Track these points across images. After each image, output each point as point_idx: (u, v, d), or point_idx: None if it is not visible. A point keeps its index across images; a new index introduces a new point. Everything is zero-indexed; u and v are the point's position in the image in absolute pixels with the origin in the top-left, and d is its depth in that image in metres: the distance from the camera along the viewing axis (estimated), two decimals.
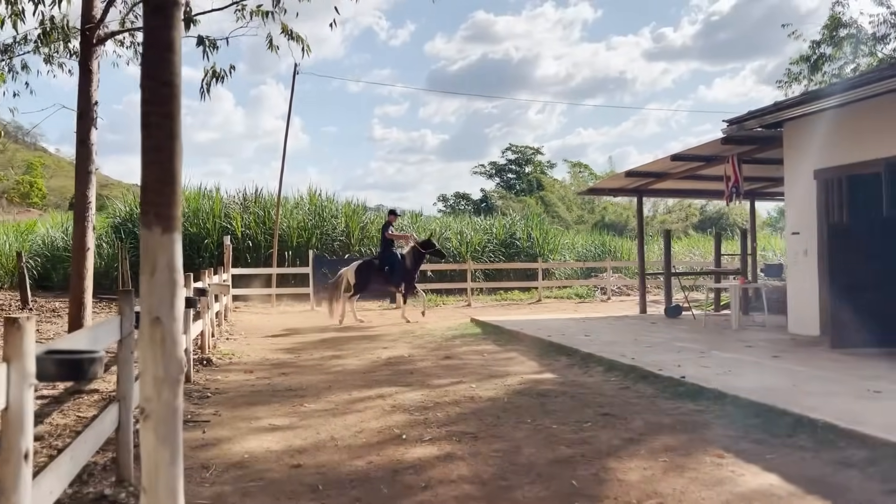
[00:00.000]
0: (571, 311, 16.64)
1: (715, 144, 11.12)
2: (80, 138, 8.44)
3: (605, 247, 25.82)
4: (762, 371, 7.19)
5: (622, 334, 10.75)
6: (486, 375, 7.87)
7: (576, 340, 9.91)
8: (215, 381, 7.90)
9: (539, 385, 7.19)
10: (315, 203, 23.74)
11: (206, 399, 6.82)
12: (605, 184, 14.29)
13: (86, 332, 4.25)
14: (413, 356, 9.65)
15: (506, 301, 20.18)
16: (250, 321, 14.92)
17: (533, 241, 24.32)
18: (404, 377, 7.94)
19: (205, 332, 9.64)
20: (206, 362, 8.89)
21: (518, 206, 46.97)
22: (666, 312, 13.54)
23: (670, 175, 13.32)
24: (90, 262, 8.61)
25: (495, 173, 62.95)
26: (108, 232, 22.00)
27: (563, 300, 20.35)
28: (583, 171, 54.46)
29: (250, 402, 6.70)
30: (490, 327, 12.28)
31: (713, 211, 51.09)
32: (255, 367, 8.90)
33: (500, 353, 9.70)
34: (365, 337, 12.06)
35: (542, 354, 9.29)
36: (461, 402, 6.45)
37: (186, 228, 21.45)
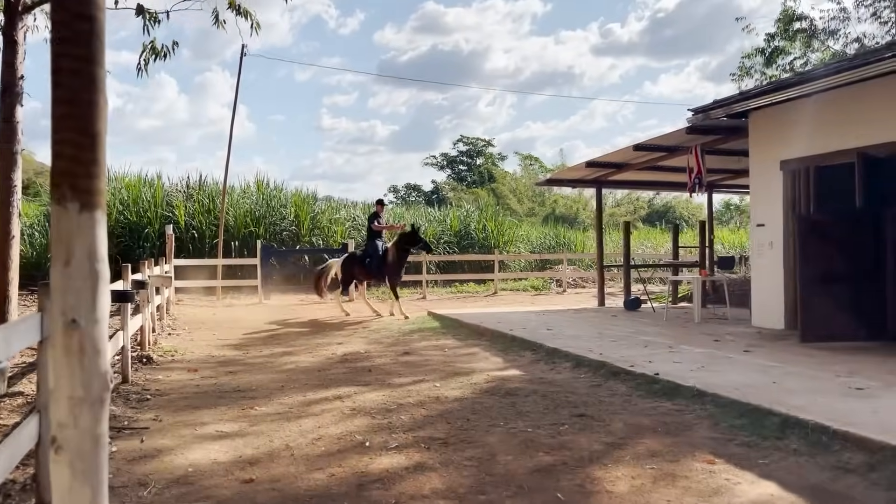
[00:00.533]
0: (529, 303, 16.35)
1: (679, 134, 10.90)
2: (4, 116, 7.66)
3: (558, 239, 25.66)
4: (736, 367, 6.95)
5: (585, 328, 10.46)
6: (450, 373, 7.44)
7: (539, 335, 9.57)
8: (156, 381, 7.27)
9: (507, 383, 6.80)
10: (263, 192, 22.91)
11: (145, 402, 6.21)
12: (565, 174, 14.00)
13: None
14: (370, 352, 9.16)
15: (461, 293, 19.81)
16: (194, 315, 14.17)
17: (488, 232, 23.99)
18: (362, 375, 7.45)
19: (145, 328, 8.96)
20: (146, 360, 8.23)
21: (470, 197, 46.74)
22: (625, 305, 13.35)
23: (631, 166, 13.10)
24: (15, 251, 7.85)
25: (446, 165, 62.64)
26: (40, 220, 20.78)
27: (519, 292, 20.07)
28: (533, 163, 54.52)
29: (195, 404, 6.13)
30: (448, 321, 11.86)
31: (660, 204, 51.76)
32: (200, 366, 8.29)
33: (461, 348, 9.28)
34: (317, 332, 11.51)
35: (506, 349, 8.91)
36: (426, 403, 6.01)
37: (126, 217, 20.42)
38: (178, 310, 14.84)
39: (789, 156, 9.36)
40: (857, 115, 8.30)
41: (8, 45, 7.65)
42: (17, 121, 7.70)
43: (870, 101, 8.15)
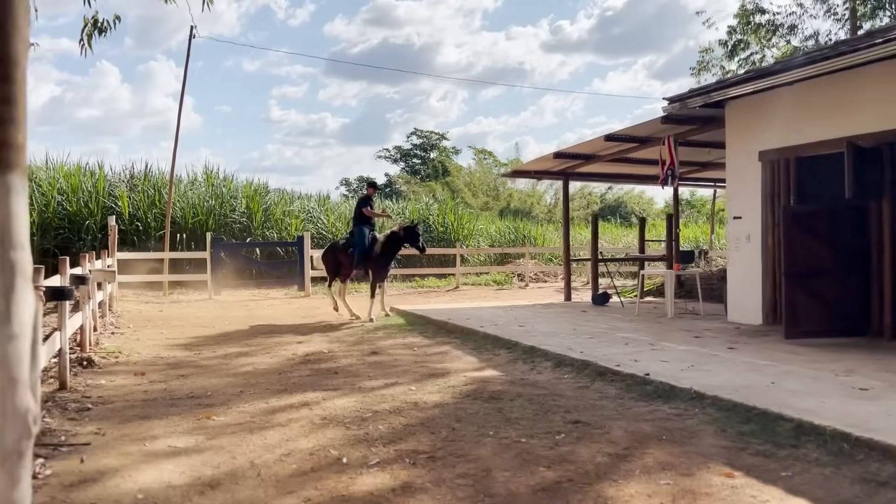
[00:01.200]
0: (493, 298, 15.92)
1: (652, 125, 10.58)
2: None
3: (517, 232, 25.33)
4: (727, 365, 6.60)
5: (557, 324, 10.06)
6: (424, 374, 6.92)
7: (511, 331, 9.12)
8: (98, 386, 6.56)
9: (488, 385, 6.31)
10: (212, 182, 21.96)
11: (85, 412, 5.52)
12: (531, 166, 13.59)
13: None
14: (334, 352, 8.57)
15: (422, 288, 19.27)
16: (139, 312, 13.31)
17: (448, 226, 23.48)
18: (329, 379, 6.87)
19: (85, 327, 8.19)
20: (87, 363, 7.48)
21: (424, 191, 46.23)
22: (593, 300, 13.03)
23: (600, 157, 12.76)
24: None
25: (400, 158, 62.06)
26: None
27: (480, 287, 19.64)
28: (487, 157, 54.33)
29: (143, 414, 5.47)
30: (414, 317, 11.33)
31: (612, 199, 52.16)
32: (148, 368, 7.58)
33: (431, 346, 8.77)
34: (274, 330, 10.84)
35: (479, 348, 8.43)
36: (404, 409, 5.47)
37: (65, 207, 19.27)
38: (121, 306, 13.94)
39: (768, 146, 9.10)
40: (844, 104, 8.06)
41: None
42: None
43: (860, 89, 7.91)
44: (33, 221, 18.73)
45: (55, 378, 6.47)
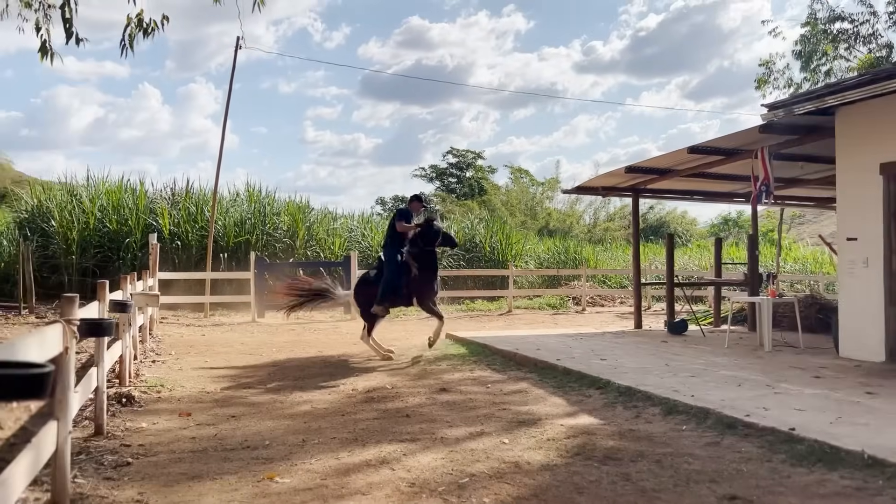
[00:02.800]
0: (552, 324, 14.87)
1: (745, 135, 9.53)
2: None
3: (568, 253, 24.23)
4: (885, 418, 5.49)
5: (642, 357, 8.99)
6: (511, 421, 5.92)
7: (594, 366, 8.09)
8: (139, 430, 5.69)
9: (594, 439, 5.29)
10: (254, 199, 21.29)
11: (124, 468, 4.63)
12: (598, 181, 12.60)
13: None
14: (397, 387, 7.62)
15: (472, 312, 18.27)
16: (181, 336, 12.54)
17: (496, 245, 22.48)
18: (401, 424, 5.91)
19: (125, 357, 7.38)
20: (127, 399, 6.63)
21: (460, 209, 45.44)
22: (670, 328, 11.90)
23: (676, 172, 11.71)
24: None
25: (435, 177, 61.46)
26: (11, 229, 19.05)
27: (534, 311, 18.57)
28: (524, 176, 53.42)
29: (192, 472, 4.56)
30: (475, 346, 10.34)
31: (654, 218, 50.67)
32: (194, 406, 6.71)
33: (505, 383, 7.76)
34: (326, 360, 9.94)
35: (562, 386, 7.40)
36: (506, 473, 4.48)
37: (105, 225, 18.74)
38: (162, 330, 13.19)
39: (893, 158, 7.98)
40: None
41: None
42: None
43: None
44: (73, 240, 18.23)
45: (91, 421, 5.63)
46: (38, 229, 18.39)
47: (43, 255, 17.82)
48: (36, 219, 18.82)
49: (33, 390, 2.14)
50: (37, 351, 3.00)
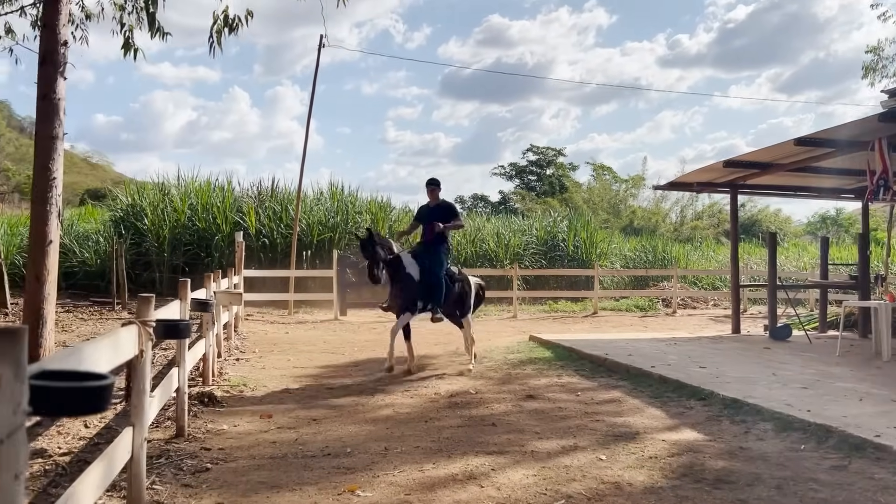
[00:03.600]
0: (641, 327, 14.21)
1: (857, 125, 8.73)
2: (42, 92, 6.14)
3: (656, 253, 23.29)
4: None
5: (745, 365, 8.34)
6: (606, 434, 5.49)
7: (693, 375, 7.53)
8: (220, 433, 5.57)
9: (701, 458, 4.80)
10: (337, 198, 21.40)
11: (203, 474, 4.47)
12: (693, 177, 11.89)
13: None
14: (481, 392, 7.29)
15: (555, 312, 17.74)
16: (265, 334, 12.60)
17: (580, 244, 21.84)
18: (487, 433, 5.57)
19: (208, 356, 7.33)
20: (209, 400, 6.55)
21: (540, 208, 44.75)
22: (772, 333, 11.10)
23: (779, 167, 10.90)
24: (53, 259, 6.31)
25: (515, 174, 60.88)
26: (107, 227, 19.79)
27: (621, 313, 17.88)
28: (606, 173, 52.13)
29: (271, 480, 4.35)
30: (561, 350, 9.89)
31: (745, 217, 48.44)
32: (276, 407, 6.57)
33: (596, 391, 7.31)
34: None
35: (659, 396, 6.90)
36: (606, 495, 4.07)
37: (194, 223, 19.21)
38: (247, 327, 13.31)
39: None
40: None
41: (49, 4, 6.13)
42: (59, 98, 6.17)
43: None
44: (164, 237, 18.76)
45: (172, 422, 5.54)
46: (131, 227, 19.01)
47: (136, 253, 18.40)
48: (130, 217, 19.47)
49: (89, 405, 1.91)
50: (108, 355, 2.82)
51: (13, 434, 1.70)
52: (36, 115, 6.15)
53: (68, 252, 18.15)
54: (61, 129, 6.22)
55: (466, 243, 21.29)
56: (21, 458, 1.73)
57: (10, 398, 1.69)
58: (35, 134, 6.19)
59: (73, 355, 2.45)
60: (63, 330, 11.49)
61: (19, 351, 1.71)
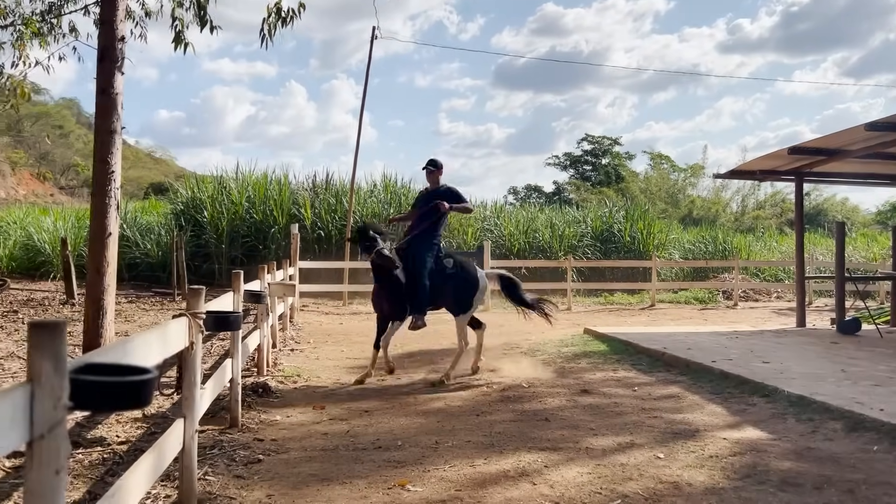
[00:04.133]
0: (700, 320, 13.82)
1: None
2: (101, 87, 6.27)
3: (716, 243, 22.65)
4: None
5: (812, 361, 7.99)
6: (665, 432, 5.31)
7: (757, 370, 7.24)
8: (273, 423, 5.60)
9: (765, 458, 4.59)
10: (391, 190, 21.47)
11: (255, 465, 4.49)
12: (755, 164, 11.45)
13: None
14: (534, 386, 7.17)
15: (611, 305, 17.43)
16: (319, 325, 12.72)
17: (636, 235, 21.39)
18: (540, 429, 5.46)
19: (262, 347, 7.41)
20: (263, 390, 6.61)
21: (595, 198, 44.02)
22: (840, 327, 10.64)
23: (848, 153, 10.40)
24: (113, 251, 6.45)
25: (570, 165, 60.11)
26: (168, 220, 20.30)
27: (680, 305, 17.45)
28: (664, 162, 50.99)
29: (322, 473, 4.34)
30: (617, 343, 9.67)
31: (810, 206, 46.72)
32: (328, 398, 6.60)
33: (653, 386, 7.10)
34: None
35: (719, 392, 6.65)
36: (664, 496, 3.92)
37: (252, 216, 19.54)
38: (302, 317, 13.46)
39: None
40: None
41: None
42: (117, 92, 6.29)
43: None
44: (223, 230, 19.13)
45: (226, 412, 5.59)
46: (191, 220, 19.45)
47: (196, 245, 18.82)
48: (190, 210, 19.92)
49: (131, 400, 1.88)
50: (158, 347, 2.81)
51: (54, 429, 1.68)
52: (95, 111, 6.29)
53: (131, 244, 18.69)
54: (119, 123, 6.35)
55: (519, 234, 21.10)
56: (62, 454, 1.71)
57: (51, 392, 1.67)
58: (94, 128, 6.33)
59: (122, 348, 2.44)
60: (126, 320, 11.82)
61: (59, 344, 1.68)
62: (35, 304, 13.64)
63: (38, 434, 1.65)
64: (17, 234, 20.26)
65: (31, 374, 1.67)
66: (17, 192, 44.55)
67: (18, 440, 1.62)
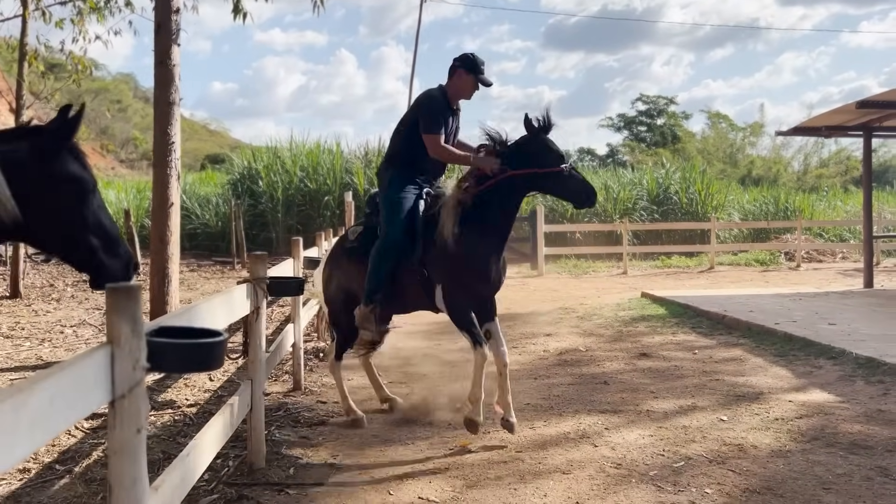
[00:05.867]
0: (762, 282, 13.48)
1: None
2: (159, 58, 6.38)
3: (778, 204, 21.95)
4: None
5: (882, 322, 7.73)
6: (727, 395, 5.22)
7: (822, 332, 7.04)
8: (334, 387, 5.71)
9: (833, 421, 4.48)
10: None
11: (319, 426, 4.61)
12: (821, 120, 11.00)
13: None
14: (592, 350, 7.13)
15: (668, 268, 17.12)
16: None
17: (693, 196, 20.89)
18: (599, 392, 5.43)
19: (322, 312, 7.52)
20: (324, 354, 6.74)
21: (652, 159, 43.06)
22: None
23: None
24: (175, 221, 6.62)
25: (624, 126, 58.77)
26: (226, 190, 20.71)
27: (740, 268, 17.04)
28: (722, 121, 49.48)
29: (384, 435, 4.42)
30: (676, 307, 9.51)
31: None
32: (387, 362, 6.68)
33: (715, 349, 6.98)
34: (514, 316, 9.61)
35: (783, 355, 6.49)
36: (728, 457, 3.86)
37: (305, 185, 19.78)
38: None
39: None
40: None
41: None
42: (174, 63, 6.39)
43: None
44: (278, 199, 19.44)
45: (290, 375, 5.73)
46: (247, 190, 19.81)
47: (253, 214, 19.19)
48: (246, 180, 20.27)
49: (205, 361, 1.94)
50: (224, 312, 2.89)
51: (134, 388, 1.74)
52: (154, 82, 6.42)
53: (191, 214, 19.16)
54: (177, 94, 6.47)
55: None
56: (142, 413, 1.77)
57: (129, 354, 1.73)
58: (154, 100, 6.47)
59: (190, 313, 2.51)
60: (189, 288, 12.17)
61: (135, 307, 1.73)
62: None
63: (119, 394, 1.71)
64: None
65: (111, 337, 1.72)
66: None
67: (101, 400, 1.68)
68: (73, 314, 9.34)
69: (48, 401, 1.42)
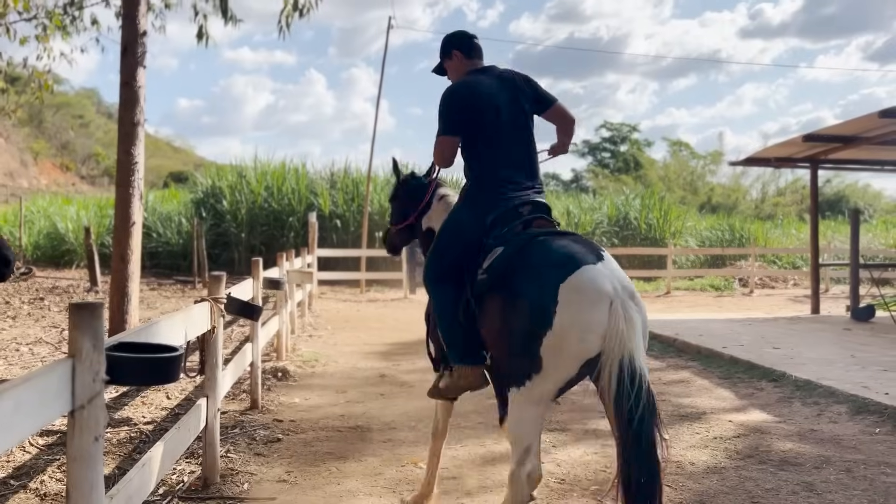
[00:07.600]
0: (715, 307, 13.89)
1: None
2: (125, 79, 6.47)
3: (734, 231, 22.60)
4: None
5: (823, 347, 8.07)
6: (672, 415, 5.44)
7: (766, 356, 7.34)
8: (292, 406, 5.81)
9: (768, 439, 4.72)
10: None
11: (275, 444, 4.69)
12: (771, 152, 11.47)
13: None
14: None
15: None
16: (337, 312, 12.94)
17: (652, 222, 21.40)
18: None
19: (281, 332, 7.61)
20: (282, 374, 6.83)
21: (613, 185, 43.90)
22: (854, 314, 10.69)
23: (864, 140, 10.39)
24: (136, 240, 6.67)
25: (588, 152, 59.76)
26: (189, 208, 20.62)
27: (696, 293, 17.49)
28: (683, 149, 50.73)
29: (338, 451, 4.54)
30: None
31: (831, 192, 46.26)
32: (346, 382, 6.79)
33: (664, 371, 7.23)
34: None
35: (729, 377, 6.77)
36: (666, 474, 4.02)
37: (270, 204, 19.80)
38: (320, 305, 13.69)
39: None
40: None
41: None
42: (139, 85, 6.48)
43: None
44: (242, 218, 19.41)
45: (247, 394, 5.81)
46: (211, 209, 19.76)
47: (216, 233, 19.13)
48: (209, 199, 20.22)
49: (161, 374, 2.07)
50: (182, 330, 3.00)
51: (93, 399, 1.86)
52: (119, 103, 6.50)
53: (152, 232, 19.04)
54: (142, 115, 6.55)
55: None
56: (100, 422, 1.89)
57: (90, 367, 1.85)
58: (118, 120, 6.55)
59: (149, 329, 2.63)
60: (148, 307, 12.10)
61: (97, 323, 1.86)
62: (60, 291, 13.99)
63: (79, 404, 1.84)
64: (41, 223, 20.70)
65: (72, 351, 1.84)
66: (39, 181, 45.30)
67: (63, 409, 1.80)
68: (30, 332, 9.24)
69: (13, 409, 1.54)
